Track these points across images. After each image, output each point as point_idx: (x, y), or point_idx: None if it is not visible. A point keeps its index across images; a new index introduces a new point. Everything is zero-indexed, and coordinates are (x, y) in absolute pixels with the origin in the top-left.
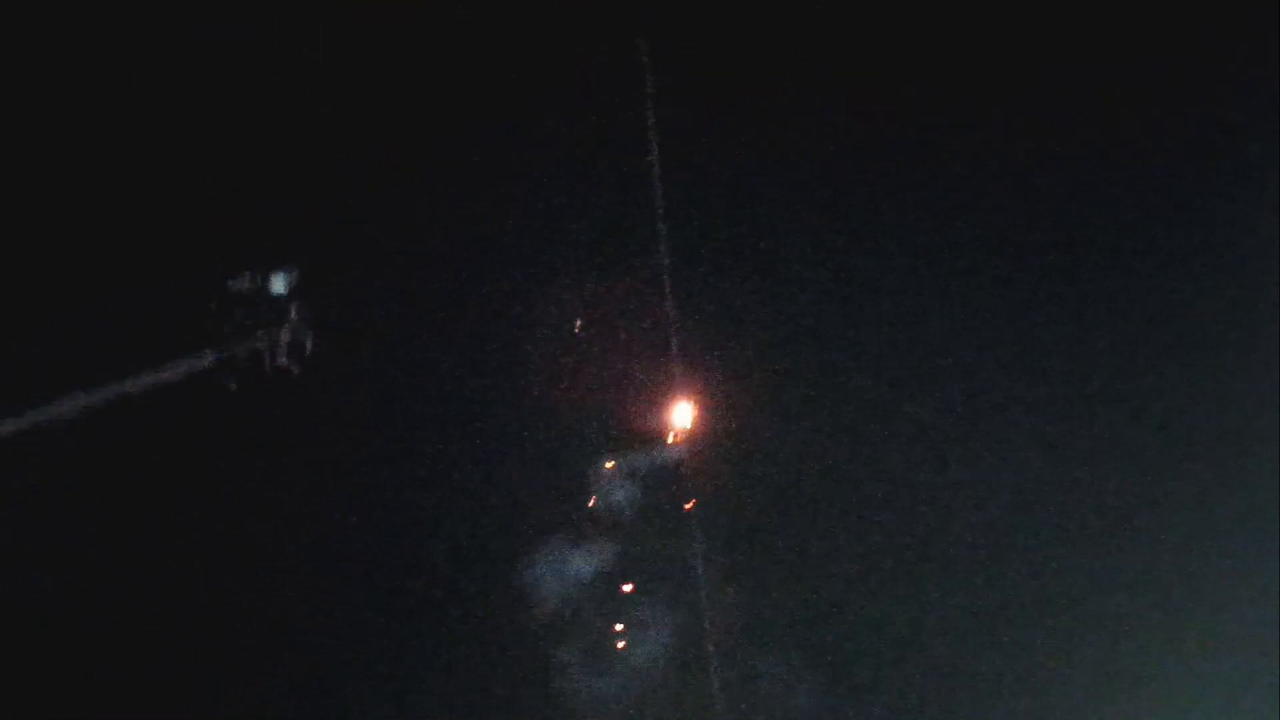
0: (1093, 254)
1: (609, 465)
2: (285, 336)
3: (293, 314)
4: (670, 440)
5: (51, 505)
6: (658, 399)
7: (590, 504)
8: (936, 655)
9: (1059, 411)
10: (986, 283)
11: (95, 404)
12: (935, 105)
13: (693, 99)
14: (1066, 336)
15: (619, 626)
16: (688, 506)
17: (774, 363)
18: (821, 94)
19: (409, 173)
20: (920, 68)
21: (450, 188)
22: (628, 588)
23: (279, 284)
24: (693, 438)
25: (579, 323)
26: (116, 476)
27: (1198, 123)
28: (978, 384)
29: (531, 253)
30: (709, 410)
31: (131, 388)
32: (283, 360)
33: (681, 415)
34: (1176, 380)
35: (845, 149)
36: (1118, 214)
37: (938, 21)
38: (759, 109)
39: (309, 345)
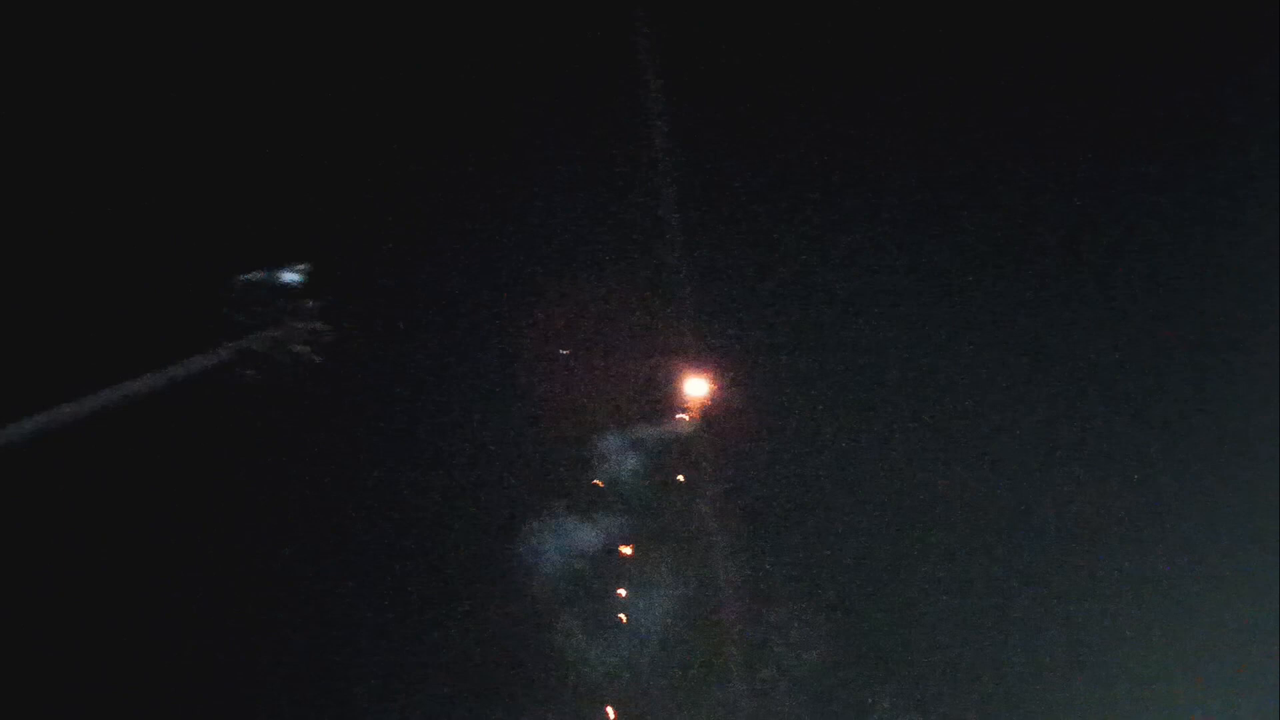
0: (1094, 254)
1: (616, 446)
2: (301, 326)
3: (308, 304)
4: (677, 424)
5: (75, 497)
6: (666, 388)
7: (598, 484)
8: (936, 655)
9: (1059, 412)
10: (988, 283)
11: (113, 399)
12: (936, 106)
13: (699, 100)
14: (1067, 337)
15: (624, 592)
16: (680, 478)
17: (779, 355)
18: (827, 95)
19: (419, 169)
20: (922, 68)
21: (459, 183)
22: (629, 551)
23: (291, 276)
24: (698, 423)
25: (589, 315)
26: (125, 470)
27: (1198, 123)
28: (978, 384)
29: (540, 247)
30: (714, 398)
31: (149, 383)
32: (300, 349)
33: (687, 402)
34: (1176, 380)
35: (848, 150)
36: (1118, 214)
37: (939, 22)
38: (766, 110)
39: (324, 334)
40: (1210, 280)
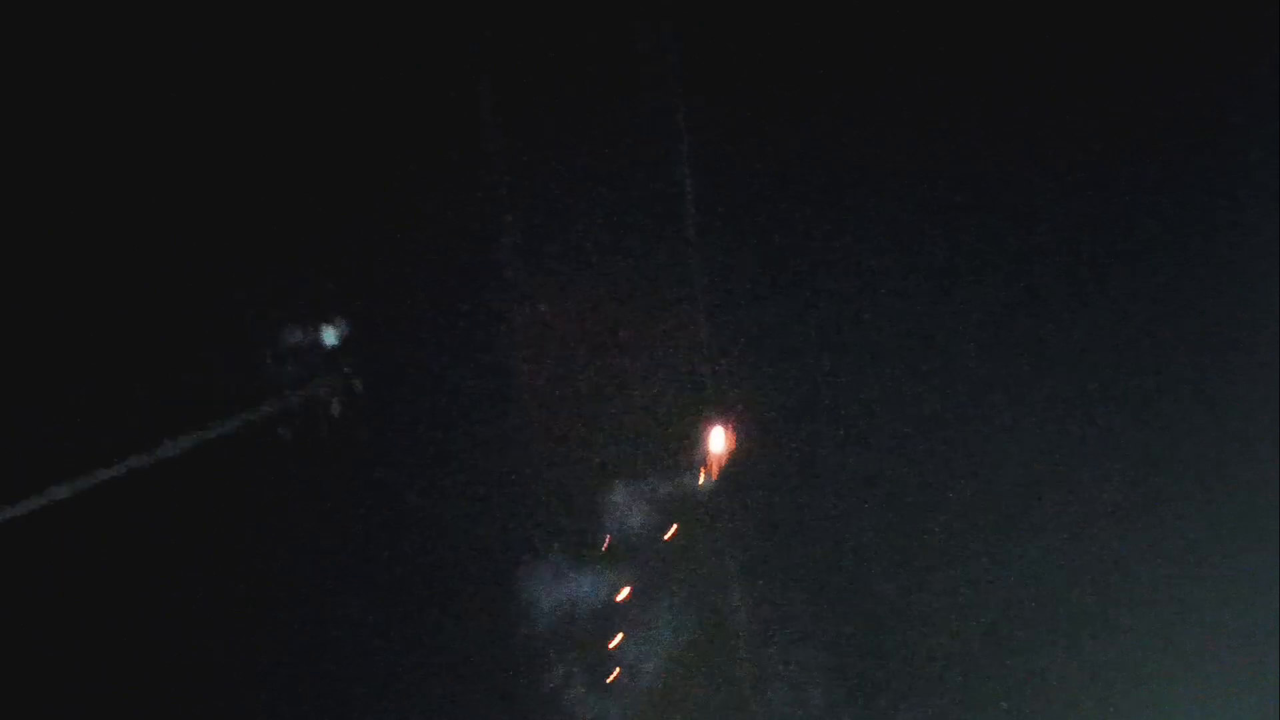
0: (1093, 254)
1: (625, 487)
2: (336, 382)
3: (345, 364)
4: (676, 423)
5: (102, 559)
6: (682, 420)
7: (605, 536)
8: (935, 652)
9: (1059, 412)
10: (988, 283)
11: (145, 464)
12: (936, 106)
13: (701, 100)
14: (1067, 337)
15: (620, 643)
16: (667, 537)
17: (780, 357)
18: (827, 95)
19: (416, 169)
20: (922, 68)
21: (459, 184)
22: (624, 597)
23: (328, 332)
24: (698, 424)
25: (588, 316)
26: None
27: (1198, 123)
28: (978, 384)
29: (539, 249)
30: (714, 399)
31: (182, 446)
32: (335, 406)
33: (707, 436)
34: (1177, 380)
35: (848, 151)
36: (1118, 214)
37: (939, 22)
38: (765, 110)
39: (358, 389)
40: (1210, 280)
